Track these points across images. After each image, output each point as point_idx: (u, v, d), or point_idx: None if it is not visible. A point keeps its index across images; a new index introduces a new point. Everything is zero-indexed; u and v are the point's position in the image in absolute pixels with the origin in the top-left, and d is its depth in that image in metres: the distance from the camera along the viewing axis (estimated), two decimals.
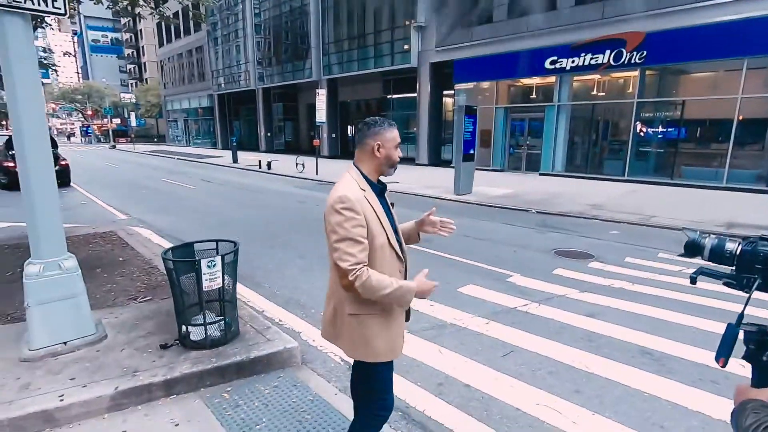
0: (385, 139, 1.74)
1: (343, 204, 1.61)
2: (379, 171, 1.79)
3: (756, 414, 0.87)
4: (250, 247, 6.45)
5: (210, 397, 2.76)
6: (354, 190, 1.68)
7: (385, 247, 1.73)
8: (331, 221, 1.63)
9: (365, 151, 1.75)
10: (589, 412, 2.71)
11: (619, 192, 12.28)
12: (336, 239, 1.62)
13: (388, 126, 1.75)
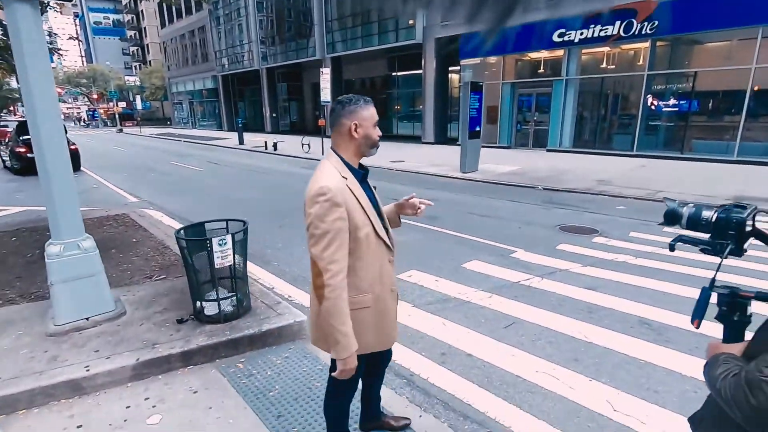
0: (362, 117, 1.63)
1: (323, 196, 1.52)
2: (360, 153, 1.70)
3: (726, 364, 0.96)
4: (259, 226, 6.59)
5: (225, 367, 2.92)
6: (335, 179, 1.58)
7: (371, 237, 1.66)
8: (312, 214, 1.54)
9: (342, 132, 1.65)
10: (587, 378, 2.83)
11: (627, 167, 12.16)
12: (316, 232, 1.54)
13: (365, 103, 1.65)
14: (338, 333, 1.57)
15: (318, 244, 1.55)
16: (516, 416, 2.49)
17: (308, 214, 1.56)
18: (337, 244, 1.55)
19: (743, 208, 1.06)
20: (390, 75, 24.41)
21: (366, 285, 1.69)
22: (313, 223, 1.55)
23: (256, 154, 18.99)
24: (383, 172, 12.73)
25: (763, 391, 0.82)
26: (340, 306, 1.56)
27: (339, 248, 1.56)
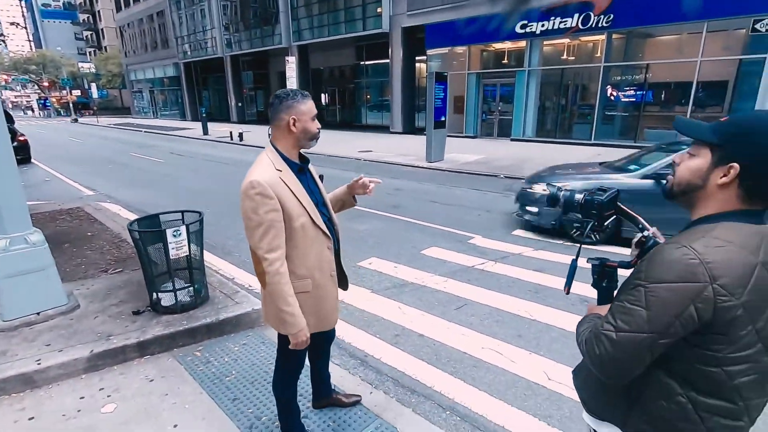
0: (300, 112, 1.68)
1: (254, 189, 1.59)
2: (298, 146, 1.75)
3: (589, 322, 1.13)
4: (221, 218, 6.55)
5: (182, 356, 2.97)
6: (267, 172, 1.65)
7: (308, 226, 1.73)
8: (246, 207, 1.62)
9: (280, 127, 1.70)
10: (527, 352, 3.06)
11: (585, 156, 12.68)
12: (251, 225, 1.62)
13: (302, 98, 1.69)
14: (284, 313, 1.70)
15: (254, 236, 1.64)
16: (460, 389, 2.68)
17: (242, 208, 1.65)
18: (272, 234, 1.64)
19: (604, 191, 1.23)
20: (358, 64, 24.26)
21: (305, 271, 1.78)
22: (247, 216, 1.64)
23: (220, 144, 18.57)
24: (352, 162, 12.78)
25: (602, 343, 0.98)
26: (281, 289, 1.67)
27: (274, 237, 1.65)
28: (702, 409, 0.95)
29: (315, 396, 2.44)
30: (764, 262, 0.90)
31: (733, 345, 0.89)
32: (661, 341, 0.92)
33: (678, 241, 0.94)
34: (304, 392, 2.52)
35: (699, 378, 0.94)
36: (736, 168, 0.92)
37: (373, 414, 2.40)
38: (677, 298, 0.88)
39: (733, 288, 0.87)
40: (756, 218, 0.94)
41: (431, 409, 2.50)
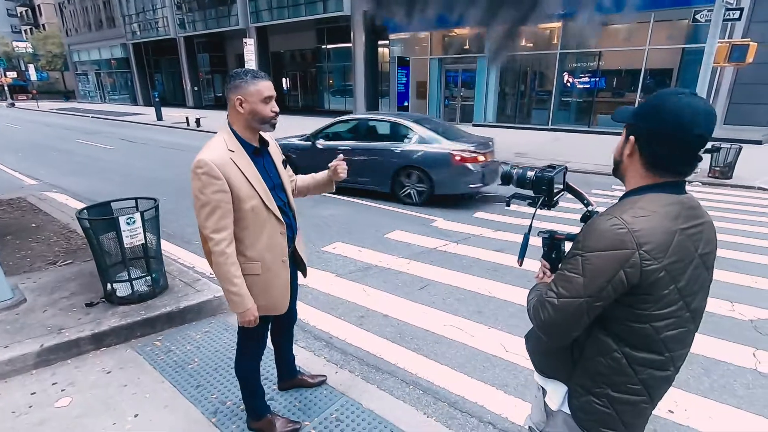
0: (248, 93, 1.62)
1: (201, 169, 1.58)
2: (251, 128, 1.71)
3: (537, 290, 1.21)
4: (179, 206, 6.33)
5: (141, 347, 2.90)
6: (217, 152, 1.62)
7: (259, 209, 1.71)
8: (193, 187, 1.62)
9: (231, 106, 1.67)
10: (486, 327, 3.20)
11: (542, 140, 13.14)
12: (197, 204, 1.63)
13: (252, 78, 1.63)
14: (229, 293, 1.72)
15: (200, 215, 1.65)
16: (423, 364, 2.78)
17: (192, 187, 1.65)
18: (218, 214, 1.63)
19: (553, 168, 1.31)
20: (319, 48, 23.73)
21: (255, 254, 1.76)
22: (195, 196, 1.64)
23: (176, 130, 17.76)
24: None
25: (546, 309, 1.07)
26: (227, 270, 1.68)
27: (221, 218, 1.64)
28: (635, 363, 1.05)
29: (280, 378, 2.46)
30: (683, 228, 1.00)
31: (658, 303, 0.99)
32: (596, 304, 1.01)
33: (610, 212, 1.03)
34: (270, 375, 2.54)
35: (631, 334, 1.03)
36: (632, 140, 1.04)
37: (339, 392, 2.45)
38: (609, 265, 0.97)
39: (656, 253, 0.96)
40: (676, 189, 1.03)
41: (395, 385, 2.58)
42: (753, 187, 7.63)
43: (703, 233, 1.05)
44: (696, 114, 0.95)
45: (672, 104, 0.97)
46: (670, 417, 2.33)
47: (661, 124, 0.98)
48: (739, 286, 3.82)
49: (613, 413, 1.10)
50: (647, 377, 1.07)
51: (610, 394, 1.09)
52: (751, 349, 2.93)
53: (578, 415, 1.15)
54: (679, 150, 0.99)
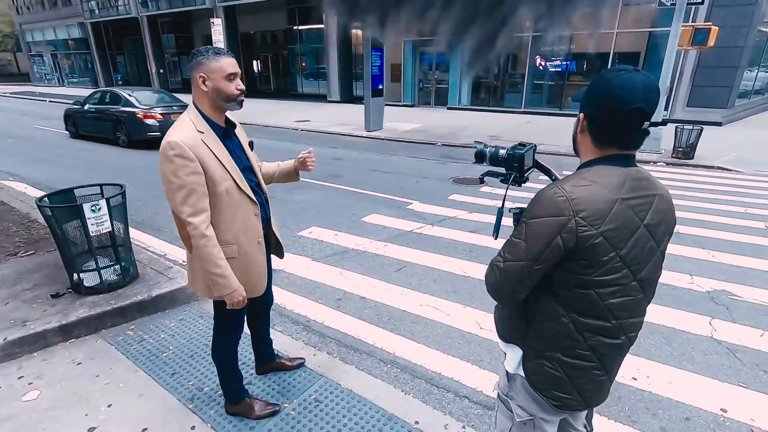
0: (210, 69, 1.58)
1: (173, 151, 1.53)
2: (216, 107, 1.66)
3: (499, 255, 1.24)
4: (149, 193, 6.14)
5: (113, 337, 2.83)
6: (188, 133, 1.57)
7: (232, 191, 1.68)
8: (165, 170, 1.55)
9: (194, 85, 1.63)
10: (461, 305, 3.27)
11: (515, 123, 13.32)
12: (171, 188, 1.56)
13: (214, 55, 1.59)
14: (215, 276, 1.67)
15: (175, 199, 1.58)
16: (400, 343, 2.83)
17: (162, 171, 1.57)
18: (194, 197, 1.59)
19: (524, 146, 1.34)
20: (291, 29, 23.06)
21: (230, 237, 1.73)
22: (167, 179, 1.57)
23: None
24: (288, 133, 12.38)
25: (494, 272, 1.13)
26: (208, 252, 1.63)
27: (198, 200, 1.60)
28: (583, 329, 1.10)
29: (258, 362, 2.45)
30: (624, 198, 1.03)
31: (599, 269, 1.03)
32: (536, 267, 1.06)
33: (556, 183, 1.07)
34: (247, 360, 2.53)
35: (577, 300, 1.08)
36: (581, 117, 1.09)
37: (317, 374, 2.47)
38: (547, 230, 1.02)
39: (593, 220, 1.00)
40: (623, 162, 1.07)
41: (373, 365, 2.62)
42: (713, 166, 7.99)
43: (650, 204, 1.08)
44: (633, 89, 0.98)
45: (611, 81, 1.01)
46: (633, 384, 2.47)
47: (601, 100, 1.03)
48: (698, 260, 4.03)
49: (564, 377, 1.15)
50: (596, 343, 1.11)
51: (561, 358, 1.14)
52: (708, 318, 3.11)
53: (531, 377, 1.20)
54: (619, 124, 1.03)
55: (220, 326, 1.99)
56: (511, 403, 1.30)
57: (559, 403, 1.19)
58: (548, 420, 1.26)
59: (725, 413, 2.26)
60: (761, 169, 7.67)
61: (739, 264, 3.95)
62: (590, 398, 1.20)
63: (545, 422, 1.26)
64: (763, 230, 4.79)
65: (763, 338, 2.89)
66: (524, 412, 1.27)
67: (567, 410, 1.22)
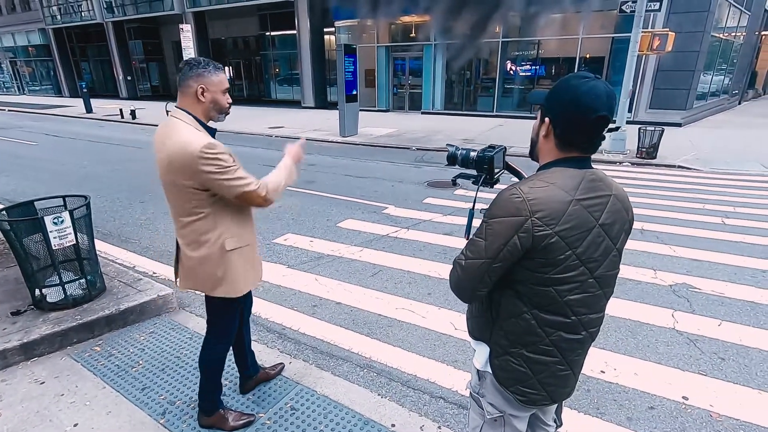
0: (211, 82, 1.67)
1: (213, 150, 1.59)
2: (207, 117, 1.73)
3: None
4: (115, 203, 5.96)
5: (79, 353, 2.73)
6: (206, 135, 1.66)
7: None
8: (214, 169, 1.59)
9: (188, 94, 1.67)
10: (436, 307, 3.31)
11: (488, 126, 13.58)
12: (226, 177, 1.62)
13: (214, 69, 1.68)
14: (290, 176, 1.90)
15: (238, 181, 1.65)
16: (376, 348, 2.84)
17: (207, 175, 1.60)
18: (243, 170, 1.69)
19: (493, 148, 1.38)
20: (263, 35, 22.89)
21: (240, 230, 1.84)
22: (221, 173, 1.61)
23: (109, 123, 16.54)
24: (262, 139, 12.24)
25: (456, 269, 1.18)
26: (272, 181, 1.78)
27: (243, 171, 1.69)
28: (544, 324, 1.14)
29: (245, 377, 2.38)
30: (579, 199, 1.07)
31: (556, 267, 1.08)
32: (494, 265, 1.10)
33: (515, 185, 1.12)
34: (231, 383, 2.48)
35: (537, 297, 1.12)
36: (547, 122, 1.12)
37: (293, 381, 2.46)
38: (505, 230, 1.06)
39: (548, 220, 1.04)
40: (581, 164, 1.12)
41: (349, 370, 2.63)
42: (675, 165, 8.35)
43: (605, 205, 1.11)
44: (598, 97, 1.03)
45: (577, 89, 1.05)
46: (601, 377, 2.56)
47: (568, 107, 1.06)
48: (661, 255, 4.21)
49: (529, 372, 1.20)
50: (557, 339, 1.16)
51: (525, 354, 1.18)
52: (670, 311, 3.25)
53: (498, 373, 1.24)
54: (584, 130, 1.07)
55: (219, 322, 1.99)
56: (481, 400, 1.33)
57: (524, 399, 1.23)
58: (517, 416, 1.30)
59: (687, 401, 2.37)
60: (718, 167, 8.07)
61: (698, 258, 4.15)
62: (554, 393, 1.24)
63: (514, 418, 1.30)
64: (720, 225, 5.04)
65: (721, 327, 3.04)
66: (494, 408, 1.30)
67: (533, 405, 1.25)
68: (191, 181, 1.62)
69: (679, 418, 2.26)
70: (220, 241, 1.75)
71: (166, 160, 1.64)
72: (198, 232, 1.74)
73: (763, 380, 2.53)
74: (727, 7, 14.89)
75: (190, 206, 1.69)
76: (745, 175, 7.61)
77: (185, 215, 1.72)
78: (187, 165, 1.59)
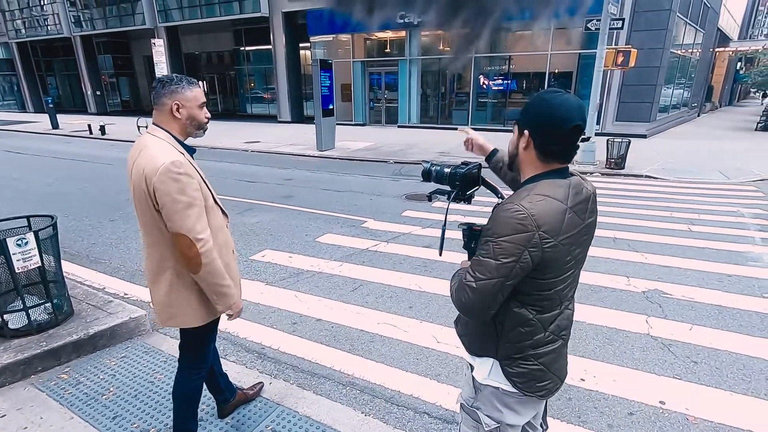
0: (185, 98, 1.64)
1: (178, 169, 1.53)
2: (185, 134, 1.71)
3: (458, 276, 1.29)
4: (83, 222, 5.74)
5: (44, 382, 2.58)
6: (177, 152, 1.60)
7: (213, 206, 1.76)
8: (171, 189, 1.53)
9: (164, 111, 1.64)
10: (418, 321, 3.30)
11: (463, 140, 13.81)
12: (181, 207, 1.54)
13: (188, 84, 1.66)
14: (224, 288, 1.71)
15: (188, 218, 1.56)
16: (358, 364, 2.80)
17: (164, 192, 1.53)
18: (202, 213, 1.62)
19: (466, 165, 1.40)
20: (238, 49, 22.80)
21: (217, 250, 1.72)
22: (174, 199, 1.54)
23: (77, 140, 16.01)
24: (238, 154, 12.10)
25: (466, 291, 1.17)
26: (217, 265, 1.66)
27: (202, 215, 1.62)
28: (546, 323, 1.22)
29: (221, 402, 2.28)
30: (571, 206, 1.14)
31: (557, 271, 1.16)
32: (507, 283, 1.13)
33: (511, 201, 1.15)
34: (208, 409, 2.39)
35: (540, 302, 1.19)
36: (526, 134, 1.17)
37: (274, 402, 2.39)
38: (515, 247, 1.09)
39: (552, 232, 1.10)
40: (562, 174, 1.18)
41: (332, 388, 2.57)
42: (642, 175, 8.69)
43: (587, 205, 1.20)
44: (572, 108, 1.10)
45: (551, 101, 1.12)
46: (581, 384, 2.59)
47: (546, 119, 1.12)
48: (633, 263, 4.34)
49: (542, 367, 1.25)
50: (556, 326, 1.25)
51: (533, 352, 1.24)
52: (644, 317, 3.35)
53: (515, 381, 1.26)
54: (561, 140, 1.13)
55: (189, 359, 1.91)
56: (478, 413, 1.35)
57: (543, 393, 1.28)
58: (513, 425, 1.33)
59: (664, 405, 2.42)
60: (682, 176, 8.45)
61: (668, 264, 4.30)
62: (561, 373, 1.32)
63: (511, 428, 1.33)
64: (686, 232, 5.26)
65: (692, 331, 3.14)
66: (492, 420, 1.32)
67: (550, 395, 1.31)
68: (152, 199, 1.57)
69: (658, 422, 2.31)
70: None
71: (136, 176, 1.59)
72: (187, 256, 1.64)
73: (734, 382, 2.62)
74: (683, 25, 15.80)
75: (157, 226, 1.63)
76: (707, 183, 7.99)
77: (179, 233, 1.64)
78: (149, 178, 1.53)
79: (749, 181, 8.07)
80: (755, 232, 5.26)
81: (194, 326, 1.79)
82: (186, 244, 1.58)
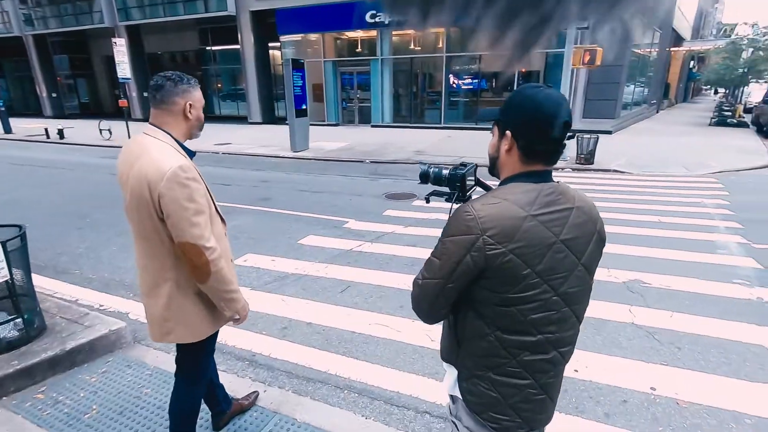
0: (196, 98, 1.59)
1: (186, 174, 1.46)
2: (189, 135, 1.64)
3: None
4: (48, 231, 5.41)
5: (18, 403, 2.41)
6: (182, 157, 1.53)
7: (215, 213, 1.70)
8: (179, 196, 1.44)
9: (173, 111, 1.55)
10: (410, 320, 3.29)
11: (437, 138, 13.94)
12: (190, 215, 1.46)
13: (195, 84, 1.61)
14: (231, 294, 1.65)
15: (197, 226, 1.49)
16: (354, 367, 2.76)
17: (169, 199, 1.44)
18: (208, 220, 1.56)
19: (465, 166, 1.39)
20: (204, 49, 22.16)
21: None
22: (182, 206, 1.46)
23: (32, 144, 15.13)
24: (209, 156, 11.74)
25: (415, 288, 1.15)
26: (225, 272, 1.59)
27: (209, 223, 1.56)
28: (509, 346, 1.08)
29: (217, 413, 2.19)
30: (534, 214, 1.01)
31: (516, 286, 1.02)
32: (448, 285, 1.06)
33: (468, 202, 1.09)
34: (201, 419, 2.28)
35: (500, 318, 1.06)
36: (509, 135, 1.06)
37: (270, 411, 2.31)
38: (457, 249, 1.02)
39: (501, 237, 0.99)
40: (540, 178, 1.07)
41: (329, 393, 2.52)
42: (610, 169, 9.02)
43: (566, 219, 1.06)
44: (557, 103, 1.01)
45: (535, 97, 1.03)
46: (575, 375, 2.64)
47: (531, 115, 1.03)
48: (612, 254, 4.47)
49: (499, 397, 1.12)
50: (527, 360, 1.09)
51: (492, 376, 1.11)
52: (627, 306, 3.46)
53: (467, 397, 1.17)
54: (549, 138, 1.03)
55: (188, 374, 1.83)
56: (458, 424, 1.24)
57: (497, 426, 1.14)
58: None
59: (654, 391, 2.51)
60: (647, 170, 8.82)
61: (644, 255, 4.46)
62: (530, 419, 1.14)
63: None
64: (657, 223, 5.48)
65: (673, 318, 3.27)
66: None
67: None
68: (156, 206, 1.47)
69: (650, 408, 2.38)
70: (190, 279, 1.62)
71: (135, 182, 1.47)
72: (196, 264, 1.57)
73: (716, 364, 2.75)
74: None
75: (156, 236, 1.54)
76: (671, 176, 8.37)
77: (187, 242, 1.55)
78: (154, 184, 1.43)
79: (709, 173, 8.52)
80: (719, 221, 5.54)
81: (192, 341, 1.71)
82: (196, 253, 1.50)
